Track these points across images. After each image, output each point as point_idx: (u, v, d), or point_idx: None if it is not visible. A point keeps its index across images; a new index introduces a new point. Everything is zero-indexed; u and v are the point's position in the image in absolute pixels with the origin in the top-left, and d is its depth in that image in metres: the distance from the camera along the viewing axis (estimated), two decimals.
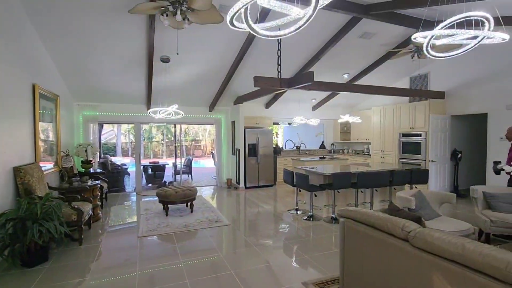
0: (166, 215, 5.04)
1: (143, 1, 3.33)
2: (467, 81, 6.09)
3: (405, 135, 6.86)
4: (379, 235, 2.04)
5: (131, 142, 16.06)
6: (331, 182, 4.65)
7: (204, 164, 14.95)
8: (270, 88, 5.47)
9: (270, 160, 8.12)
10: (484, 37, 2.32)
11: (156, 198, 5.43)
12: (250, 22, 1.83)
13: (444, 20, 2.25)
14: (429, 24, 4.37)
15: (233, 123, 8.16)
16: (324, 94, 8.15)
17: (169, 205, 5.14)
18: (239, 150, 7.80)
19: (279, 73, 4.74)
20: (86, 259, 3.37)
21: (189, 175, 9.85)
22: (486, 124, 5.76)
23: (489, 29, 2.25)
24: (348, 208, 2.38)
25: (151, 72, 5.53)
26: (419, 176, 5.10)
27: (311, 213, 4.97)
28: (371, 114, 7.96)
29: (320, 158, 7.95)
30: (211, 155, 12.35)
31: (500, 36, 2.25)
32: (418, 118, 6.57)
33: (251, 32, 1.86)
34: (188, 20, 3.39)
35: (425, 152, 6.36)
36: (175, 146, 10.85)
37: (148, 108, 7.03)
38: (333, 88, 5.85)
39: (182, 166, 9.72)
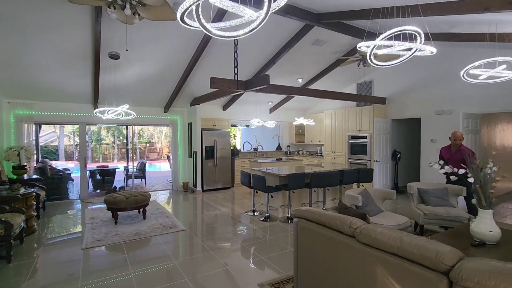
0: (115, 223, 4.69)
1: None
2: (404, 89, 6.78)
3: (353, 137, 7.38)
4: (329, 233, 2.14)
5: (76, 145, 14.69)
6: (286, 183, 4.78)
7: (161, 167, 14.30)
8: (227, 90, 5.44)
9: (228, 162, 8.07)
10: (416, 49, 2.60)
11: (104, 205, 5.02)
12: (203, 21, 1.79)
13: (384, 32, 2.47)
14: (372, 35, 4.77)
15: (190, 124, 7.95)
16: (280, 97, 8.38)
17: (119, 213, 4.79)
18: (196, 152, 7.61)
19: (236, 75, 4.74)
20: (17, 279, 2.97)
21: (143, 180, 9.32)
22: (420, 127, 6.46)
23: (420, 43, 2.53)
24: (301, 208, 2.47)
25: (97, 69, 5.10)
26: (365, 175, 5.52)
27: (268, 214, 5.05)
28: (323, 117, 8.41)
29: (277, 159, 8.14)
30: (167, 158, 11.85)
31: (429, 49, 2.54)
32: (364, 121, 7.12)
33: (204, 31, 1.82)
34: (139, 15, 3.20)
35: (370, 152, 6.91)
36: (127, 149, 10.18)
37: (95, 107, 6.49)
38: (288, 92, 6.04)
39: (135, 170, 9.17)
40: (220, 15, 4.06)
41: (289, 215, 4.91)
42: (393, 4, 2.90)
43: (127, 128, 8.80)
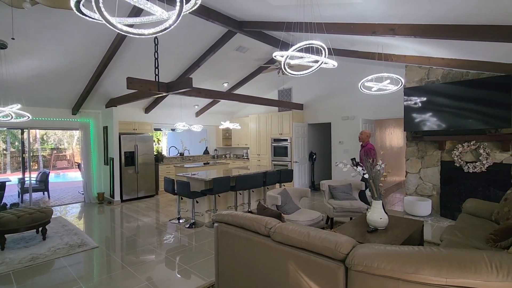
0: (2, 249, 3.85)
1: None
2: (317, 96, 7.57)
3: (275, 140, 7.85)
4: (247, 235, 2.21)
5: None
6: (211, 187, 4.75)
7: (73, 178, 12.41)
8: (147, 92, 5.10)
9: (151, 168, 7.57)
10: (322, 62, 2.93)
11: None
12: (105, 13, 1.62)
13: (297, 44, 2.71)
14: (286, 45, 5.20)
15: (105, 128, 7.16)
16: (207, 101, 8.31)
17: (8, 235, 3.96)
18: (113, 159, 6.89)
19: (157, 76, 4.49)
20: None
21: (45, 193, 7.95)
22: (331, 131, 7.29)
23: (325, 56, 2.86)
24: (221, 212, 2.48)
25: None
26: (286, 175, 5.92)
27: (193, 220, 4.93)
28: (249, 121, 8.71)
29: (204, 163, 8.01)
30: (78, 167, 10.39)
31: (332, 63, 2.89)
32: (285, 125, 7.65)
33: (107, 24, 1.66)
34: None
35: (290, 154, 7.47)
36: (23, 157, 8.54)
37: None
38: (213, 96, 6.04)
39: (35, 182, 7.74)
40: (138, 11, 3.80)
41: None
42: (302, 20, 3.21)
43: (22, 133, 7.36)
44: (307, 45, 2.72)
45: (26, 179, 7.41)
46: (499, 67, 3.88)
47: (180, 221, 5.13)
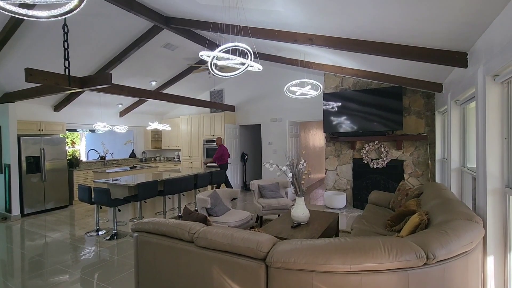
0: None
1: None
2: (248, 98, 7.76)
3: (208, 141, 7.74)
4: (170, 242, 2.10)
5: None
6: (136, 193, 4.40)
7: None
8: (54, 86, 4.41)
9: (64, 175, 6.59)
10: (248, 65, 2.99)
11: None
12: None
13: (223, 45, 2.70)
14: (213, 45, 5.19)
15: None
16: (132, 99, 7.67)
17: None
18: (9, 166, 5.75)
19: (67, 69, 3.92)
20: None
21: None
22: (261, 132, 7.55)
23: (251, 59, 2.93)
24: (141, 221, 2.31)
25: None
26: (218, 177, 5.88)
27: (115, 231, 4.47)
28: (180, 122, 8.38)
29: (131, 167, 7.36)
30: None
31: (257, 66, 2.98)
32: (217, 127, 7.61)
33: None
34: None
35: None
36: None
37: None
38: (139, 95, 5.60)
39: None
40: None
41: None
42: (228, 22, 3.23)
43: None
44: (233, 47, 2.74)
45: None
46: (393, 79, 4.61)
47: (100, 233, 4.60)
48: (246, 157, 7.98)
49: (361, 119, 5.38)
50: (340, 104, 5.58)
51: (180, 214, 5.40)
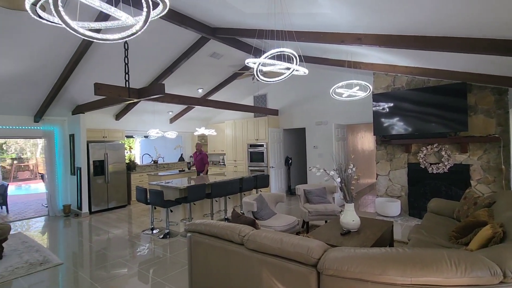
0: None
1: None
2: (292, 102, 7.71)
3: (252, 145, 7.86)
4: (221, 244, 2.18)
5: None
6: (186, 195, 4.65)
7: (38, 189, 11.54)
8: (117, 98, 4.91)
9: (123, 177, 7.26)
10: (293, 69, 2.99)
11: None
12: (65, 17, 1.54)
13: (269, 51, 2.74)
14: (259, 52, 5.26)
15: (72, 136, 6.78)
16: (181, 107, 8.16)
17: None
18: (80, 168, 6.53)
19: (127, 82, 4.34)
20: None
21: (3, 207, 7.33)
22: (305, 135, 7.43)
23: (296, 64, 2.92)
24: (194, 222, 2.43)
25: None
26: (262, 181, 5.93)
27: (168, 230, 4.77)
28: (225, 127, 8.66)
29: (180, 171, 7.83)
30: (41, 178, 9.72)
31: (303, 70, 2.96)
32: (260, 131, 7.70)
33: (67, 28, 1.57)
34: None
35: (266, 159, 7.51)
36: None
37: None
38: (187, 102, 5.95)
39: None
40: (105, 16, 3.66)
41: None
42: (273, 28, 3.27)
43: None
44: (279, 53, 2.77)
45: None
46: (455, 75, 4.18)
47: (154, 231, 4.95)
48: (290, 161, 7.92)
49: (417, 120, 4.97)
50: (392, 104, 5.24)
51: (226, 217, 5.55)
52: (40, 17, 1.61)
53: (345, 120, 6.68)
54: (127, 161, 7.77)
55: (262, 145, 7.60)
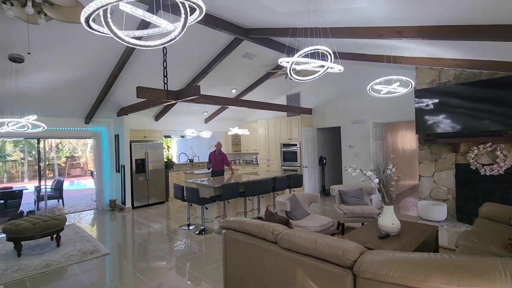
0: (19, 255, 3.96)
1: None
2: (326, 100, 7.52)
3: (285, 145, 7.81)
4: (255, 241, 2.20)
5: None
6: (220, 193, 4.77)
7: (86, 185, 12.70)
8: (156, 100, 5.20)
9: (162, 175, 7.66)
10: (328, 67, 2.91)
11: (4, 235, 4.21)
12: (113, 27, 1.68)
13: (302, 49, 2.71)
14: (292, 50, 5.21)
15: (117, 136, 7.32)
16: (215, 107, 8.39)
17: (25, 242, 4.09)
18: (124, 166, 7.02)
19: (166, 85, 4.58)
20: None
21: (59, 200, 8.15)
22: (340, 135, 7.20)
23: (331, 61, 2.85)
24: (229, 219, 2.48)
25: None
26: (296, 180, 5.87)
27: (203, 227, 4.94)
28: (258, 126, 8.72)
29: None
30: (90, 174, 10.63)
31: (338, 67, 2.88)
32: (294, 130, 7.62)
33: (115, 37, 1.71)
34: (46, 15, 2.84)
35: (300, 159, 7.41)
36: (39, 166, 8.81)
37: None
38: (221, 102, 6.09)
39: (50, 189, 7.96)
40: (146, 24, 3.90)
41: None
42: (307, 26, 3.21)
43: (38, 142, 7.62)
44: (313, 51, 2.73)
45: (42, 187, 7.64)
46: None
47: (190, 227, 5.15)
48: (324, 160, 7.74)
49: (466, 117, 4.55)
50: (437, 100, 4.86)
51: (259, 216, 5.59)
52: (91, 28, 1.77)
53: (383, 118, 6.35)
54: (165, 159, 8.17)
55: (295, 145, 7.53)
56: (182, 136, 9.60)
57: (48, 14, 2.84)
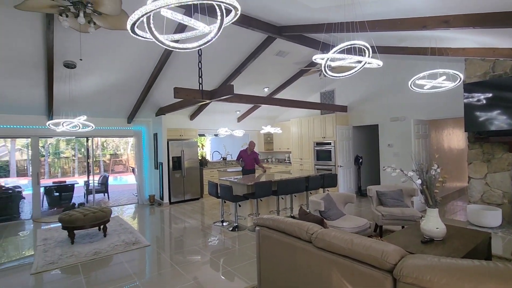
0: (72, 243, 4.37)
1: None
2: (362, 97, 7.21)
3: (318, 143, 7.64)
4: (288, 240, 2.19)
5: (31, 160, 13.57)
6: (253, 191, 4.81)
7: (127, 181, 13.65)
8: (191, 100, 5.40)
9: (196, 172, 7.94)
10: (365, 62, 2.79)
11: (60, 224, 4.67)
12: (155, 32, 1.78)
13: (338, 45, 2.63)
14: (327, 47, 5.06)
15: (155, 135, 7.73)
16: (248, 106, 8.47)
17: (77, 231, 4.49)
18: (162, 163, 7.40)
19: (201, 85, 4.73)
20: None
21: (105, 194, 8.83)
22: (378, 133, 6.87)
23: (368, 56, 2.72)
24: (262, 217, 2.50)
25: (51, 79, 4.82)
26: (330, 180, 5.72)
27: (236, 224, 5.02)
28: (290, 125, 8.64)
29: None
30: (132, 171, 11.37)
31: (376, 62, 2.74)
32: (328, 128, 7.42)
33: (157, 42, 1.81)
34: (95, 24, 3.10)
35: (334, 158, 7.20)
36: (88, 162, 9.62)
37: (49, 119, 6.08)
38: (254, 101, 6.14)
39: (97, 184, 8.67)
40: (183, 27, 4.06)
41: None
42: (343, 20, 3.11)
43: (87, 140, 8.33)
44: (349, 46, 2.63)
45: (90, 181, 8.35)
46: None
47: (224, 224, 5.27)
48: (360, 160, 7.44)
49: None
50: (490, 95, 4.42)
51: (292, 215, 5.55)
52: (135, 33, 1.89)
53: (427, 115, 5.93)
54: (199, 157, 8.44)
55: (329, 143, 7.33)
56: (216, 135, 9.84)
57: (97, 23, 3.09)
